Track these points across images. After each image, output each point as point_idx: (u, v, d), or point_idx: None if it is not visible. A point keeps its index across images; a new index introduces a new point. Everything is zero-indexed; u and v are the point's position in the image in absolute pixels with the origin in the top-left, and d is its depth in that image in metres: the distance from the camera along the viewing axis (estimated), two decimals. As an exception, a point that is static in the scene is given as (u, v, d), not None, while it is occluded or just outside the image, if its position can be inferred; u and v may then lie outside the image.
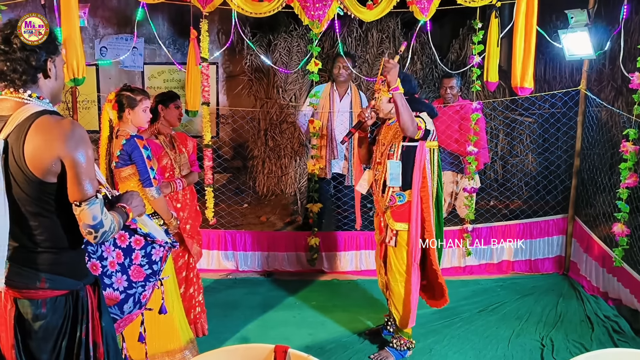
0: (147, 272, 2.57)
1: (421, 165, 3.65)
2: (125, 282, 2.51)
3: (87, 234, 2.08)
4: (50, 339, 2.21)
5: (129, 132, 3.48)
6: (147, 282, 2.58)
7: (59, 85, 2.26)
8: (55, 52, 2.21)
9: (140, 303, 2.58)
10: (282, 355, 1.91)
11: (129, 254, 2.53)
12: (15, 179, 2.10)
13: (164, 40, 8.02)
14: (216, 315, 4.42)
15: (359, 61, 7.57)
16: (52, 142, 2.06)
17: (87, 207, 2.07)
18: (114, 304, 2.51)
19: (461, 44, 7.62)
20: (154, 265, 2.59)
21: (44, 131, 2.07)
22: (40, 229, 2.15)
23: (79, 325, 2.22)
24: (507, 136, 7.46)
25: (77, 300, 2.22)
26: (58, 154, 2.06)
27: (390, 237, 3.77)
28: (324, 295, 4.96)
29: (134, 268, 2.53)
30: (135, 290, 2.55)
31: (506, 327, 4.32)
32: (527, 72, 4.42)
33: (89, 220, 2.07)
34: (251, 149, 7.94)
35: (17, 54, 2.11)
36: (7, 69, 2.12)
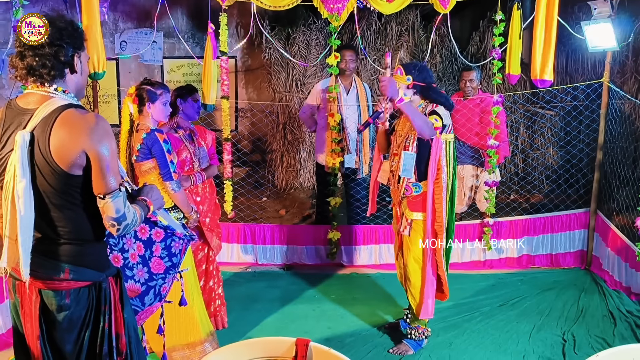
0: (166, 265, 2.60)
1: (436, 158, 3.65)
2: (146, 274, 2.54)
3: (110, 226, 2.12)
4: (74, 330, 2.24)
5: (149, 125, 3.49)
6: (167, 274, 2.61)
7: (84, 80, 2.31)
8: (82, 48, 2.25)
9: (160, 295, 2.61)
10: (304, 348, 1.91)
11: (149, 247, 2.56)
12: (40, 171, 2.12)
13: (183, 34, 8.06)
14: (236, 308, 4.45)
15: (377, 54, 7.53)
16: (77, 136, 2.09)
17: (111, 200, 2.10)
18: (136, 296, 2.53)
19: (481, 37, 7.56)
20: (174, 257, 2.62)
21: (69, 124, 2.10)
22: (65, 220, 2.18)
23: (102, 316, 2.25)
24: (527, 129, 7.39)
25: (100, 292, 2.25)
26: (83, 147, 2.09)
27: (404, 227, 3.79)
28: (343, 289, 4.96)
29: (154, 260, 2.56)
30: (155, 282, 2.57)
31: (527, 321, 4.28)
32: (547, 64, 4.37)
33: (113, 213, 2.11)
34: (270, 142, 7.96)
35: (46, 49, 2.15)
36: (36, 64, 2.15)
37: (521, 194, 6.93)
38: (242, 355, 1.97)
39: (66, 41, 2.17)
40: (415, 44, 7.59)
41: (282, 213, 7.04)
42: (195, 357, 3.67)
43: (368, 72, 7.58)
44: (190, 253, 3.65)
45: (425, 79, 3.66)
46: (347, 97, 5.38)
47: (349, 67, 5.34)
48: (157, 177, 3.51)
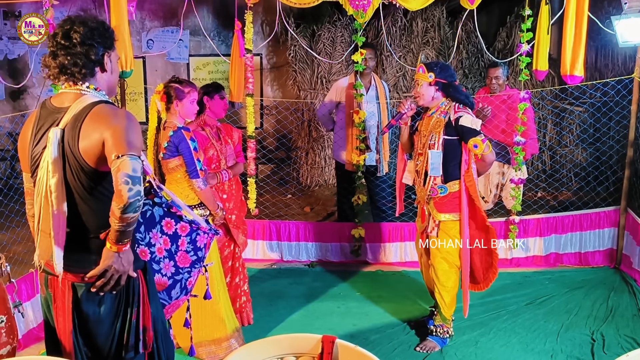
0: (192, 259, 2.64)
1: (467, 158, 3.65)
2: (172, 267, 2.57)
3: (123, 183, 2.00)
4: (107, 323, 2.28)
5: (177, 123, 3.52)
6: (193, 268, 2.65)
7: (114, 79, 2.34)
8: (112, 47, 2.29)
9: (186, 289, 2.65)
10: (330, 345, 1.91)
11: (175, 241, 2.59)
12: (70, 167, 2.17)
13: (209, 32, 8.11)
14: (261, 305, 4.47)
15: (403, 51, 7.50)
16: (101, 128, 2.12)
17: (129, 159, 2.04)
18: (163, 290, 2.57)
19: (508, 32, 7.48)
20: (199, 251, 2.66)
21: (98, 119, 2.14)
22: (94, 216, 2.22)
23: (130, 309, 2.29)
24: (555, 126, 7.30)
25: (129, 285, 2.28)
26: (104, 135, 2.10)
27: (432, 228, 3.78)
28: (369, 286, 4.95)
29: (180, 254, 2.60)
30: (182, 276, 2.61)
31: (555, 320, 4.23)
32: (577, 60, 4.29)
33: (128, 170, 2.02)
34: (295, 140, 7.97)
35: (77, 49, 2.20)
36: (67, 63, 2.20)
37: (549, 192, 6.85)
38: (268, 351, 1.98)
39: (97, 40, 2.22)
40: (441, 41, 7.53)
41: (306, 210, 7.05)
42: (221, 352, 3.70)
43: (393, 69, 7.56)
44: (215, 248, 3.68)
45: (447, 77, 3.68)
46: (367, 95, 5.36)
47: (368, 65, 5.32)
48: (184, 175, 3.54)
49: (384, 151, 5.44)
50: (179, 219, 2.59)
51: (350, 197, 5.35)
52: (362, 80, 5.33)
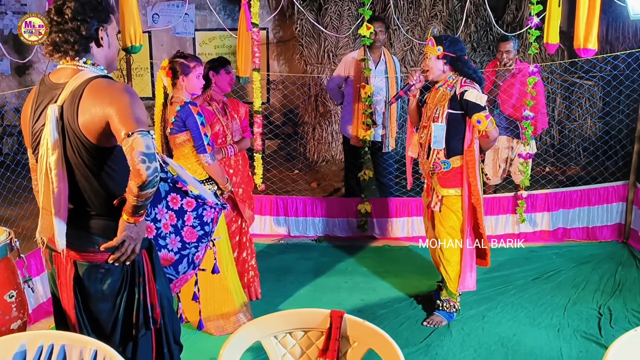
0: (199, 234, 2.63)
1: (471, 134, 3.62)
2: (179, 243, 2.57)
3: (141, 162, 1.97)
4: (109, 300, 2.29)
5: (183, 98, 3.51)
6: (200, 243, 2.65)
7: (112, 53, 2.28)
8: (107, 21, 2.22)
9: (194, 263, 2.65)
10: (338, 320, 1.92)
11: (181, 216, 2.58)
12: (71, 144, 2.14)
13: (215, 6, 8.03)
14: (269, 280, 4.49)
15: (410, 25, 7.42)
16: (103, 104, 2.08)
17: (140, 136, 1.99)
18: (169, 265, 2.57)
19: (518, 5, 7.38)
20: (206, 226, 2.64)
21: (96, 93, 2.11)
22: (95, 194, 2.21)
23: (137, 288, 2.29)
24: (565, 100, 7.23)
25: (134, 264, 2.28)
26: (107, 112, 2.06)
27: (435, 202, 3.79)
28: (376, 261, 4.96)
29: (186, 229, 2.59)
30: (189, 251, 2.61)
31: (562, 295, 4.24)
32: (591, 33, 4.22)
33: (142, 148, 1.98)
34: (302, 115, 7.94)
35: (69, 25, 2.15)
36: (59, 40, 2.17)
37: (557, 167, 6.81)
38: (277, 326, 1.99)
39: (89, 15, 2.16)
40: (449, 14, 7.44)
41: (314, 186, 7.05)
42: (229, 327, 3.73)
43: (401, 43, 7.48)
44: (223, 223, 3.68)
45: (456, 51, 3.63)
46: (375, 70, 5.31)
47: (378, 39, 5.24)
48: (191, 150, 3.53)
49: (391, 127, 5.40)
50: (184, 194, 2.57)
51: (357, 172, 5.34)
52: (372, 55, 5.27)
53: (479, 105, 3.54)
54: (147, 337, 2.35)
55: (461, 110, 3.61)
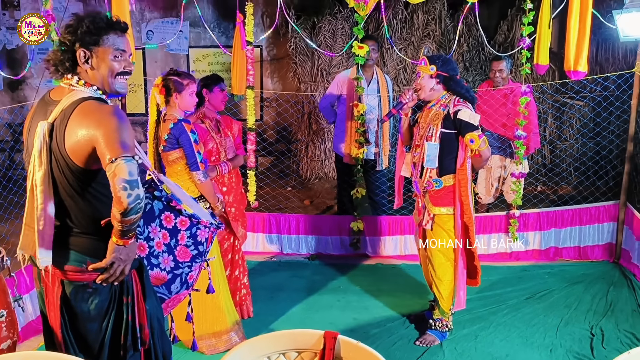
0: (193, 253, 2.61)
1: (464, 153, 3.64)
2: (172, 262, 2.55)
3: (122, 189, 1.97)
4: (96, 320, 2.26)
5: (177, 116, 3.51)
6: (194, 262, 2.62)
7: (102, 75, 2.24)
8: (94, 43, 2.22)
9: (187, 283, 2.63)
10: (332, 341, 1.91)
11: (174, 235, 2.56)
12: (57, 162, 2.15)
13: (209, 23, 8.07)
14: (261, 298, 4.47)
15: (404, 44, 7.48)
16: (90, 127, 2.08)
17: (124, 161, 2.00)
18: (162, 284, 2.55)
19: (509, 25, 7.46)
20: (200, 246, 2.62)
21: (84, 116, 2.11)
22: (82, 213, 2.20)
23: (125, 308, 2.27)
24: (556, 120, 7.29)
25: (122, 284, 2.26)
26: (94, 136, 2.07)
27: (427, 221, 3.78)
28: (368, 280, 4.95)
29: (180, 248, 2.57)
30: (182, 271, 2.59)
31: (554, 315, 4.23)
32: (581, 55, 4.28)
33: (125, 175, 1.98)
34: (295, 132, 7.96)
35: (59, 44, 2.23)
36: (49, 58, 2.25)
37: (549, 186, 6.85)
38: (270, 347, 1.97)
39: (68, 38, 2.20)
40: (442, 33, 7.51)
41: (306, 203, 7.05)
42: (221, 346, 3.71)
43: (394, 61, 7.53)
44: (216, 242, 3.67)
45: (448, 71, 3.66)
46: (368, 88, 5.34)
47: (370, 58, 5.28)
48: (184, 167, 3.53)
49: (384, 145, 5.43)
50: (178, 213, 2.56)
51: (350, 190, 5.34)
52: (364, 73, 5.31)
53: (472, 125, 3.57)
54: (136, 358, 2.33)
55: (454, 130, 3.63)
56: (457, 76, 3.73)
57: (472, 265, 3.86)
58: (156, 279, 2.51)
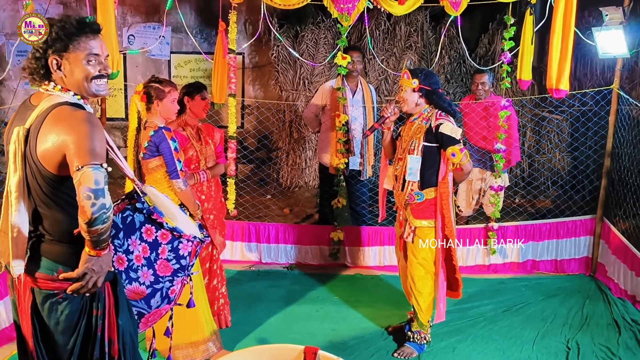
0: (174, 267, 2.52)
1: (445, 167, 3.66)
2: (151, 276, 2.47)
3: (85, 198, 1.94)
4: (66, 332, 2.22)
5: (157, 123, 3.48)
6: (175, 276, 2.54)
7: (75, 81, 2.21)
8: (66, 49, 2.18)
9: (168, 298, 2.55)
10: (312, 356, 1.90)
11: (155, 248, 2.46)
12: (30, 169, 2.12)
13: (191, 29, 8.04)
14: (239, 307, 4.43)
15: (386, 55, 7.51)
16: (61, 133, 2.06)
17: (91, 169, 1.97)
18: (141, 298, 2.49)
19: (490, 39, 7.53)
20: (182, 260, 2.54)
21: (56, 122, 2.09)
22: (55, 220, 2.17)
23: (95, 321, 2.22)
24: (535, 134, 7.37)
25: (94, 296, 2.22)
26: (64, 142, 2.04)
27: (408, 233, 3.79)
28: (347, 290, 4.95)
29: (160, 262, 2.48)
30: (162, 285, 2.51)
31: (531, 328, 4.26)
32: (563, 74, 4.34)
33: (90, 183, 1.95)
34: (276, 140, 7.94)
35: (32, 49, 2.20)
36: (24, 64, 2.23)
37: (527, 199, 6.91)
38: (249, 361, 1.96)
39: (40, 46, 2.18)
40: (424, 45, 7.56)
41: (286, 212, 7.02)
42: (198, 356, 3.66)
43: (376, 72, 7.56)
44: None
45: (431, 84, 3.68)
46: (352, 99, 5.35)
47: (355, 69, 5.30)
48: (164, 175, 3.50)
49: (368, 155, 5.45)
50: (159, 226, 2.46)
51: (332, 199, 5.34)
52: (349, 83, 5.32)
53: (454, 139, 3.59)
54: None
55: (436, 143, 3.65)
56: (440, 90, 3.76)
57: (454, 278, 3.87)
58: (135, 293, 2.45)
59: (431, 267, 3.78)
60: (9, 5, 8.06)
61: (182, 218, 2.68)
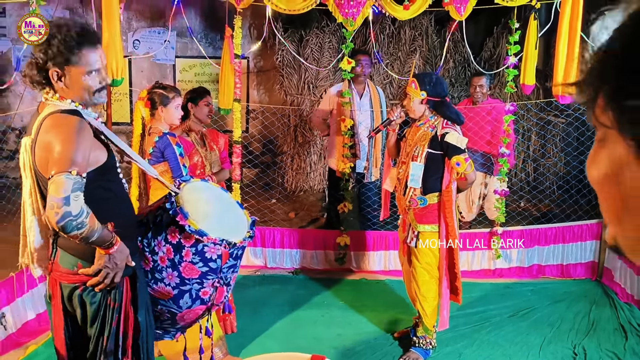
0: (202, 270, 2.43)
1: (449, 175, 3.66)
2: (176, 278, 2.43)
3: (49, 208, 1.98)
4: (92, 323, 2.29)
5: (162, 129, 3.49)
6: (204, 279, 2.46)
7: (77, 92, 2.25)
8: (68, 62, 2.21)
9: (201, 299, 2.49)
10: (318, 365, 1.89)
11: (179, 251, 2.41)
12: (36, 175, 2.21)
13: (197, 33, 8.04)
14: (245, 313, 4.43)
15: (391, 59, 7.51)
16: (47, 140, 2.13)
17: (62, 177, 2.01)
18: (168, 299, 2.48)
19: (495, 42, 7.52)
20: (211, 262, 2.43)
21: (46, 130, 2.15)
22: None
23: (110, 313, 2.28)
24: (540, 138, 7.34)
25: (111, 289, 2.28)
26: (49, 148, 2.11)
27: (411, 238, 3.79)
28: (353, 295, 4.94)
29: (184, 265, 2.41)
30: (190, 287, 2.46)
31: (537, 333, 4.25)
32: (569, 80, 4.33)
33: (56, 192, 1.99)
34: (281, 144, 7.94)
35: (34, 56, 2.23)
36: (24, 71, 2.27)
37: (532, 203, 6.89)
38: (256, 370, 1.95)
39: (40, 57, 2.20)
40: (429, 49, 7.55)
41: (291, 216, 7.02)
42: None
43: (381, 76, 7.56)
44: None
45: (439, 93, 3.66)
46: (360, 102, 5.36)
47: (363, 72, 5.31)
48: (169, 181, 3.49)
49: (375, 158, 5.45)
50: (182, 229, 2.39)
51: (338, 203, 5.34)
52: (356, 87, 5.34)
53: (459, 148, 3.58)
54: None
55: (441, 151, 3.64)
56: (447, 97, 3.73)
57: (454, 286, 3.87)
58: (161, 294, 2.45)
59: (435, 271, 3.78)
60: (15, 11, 8.09)
61: (218, 218, 2.59)
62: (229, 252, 2.49)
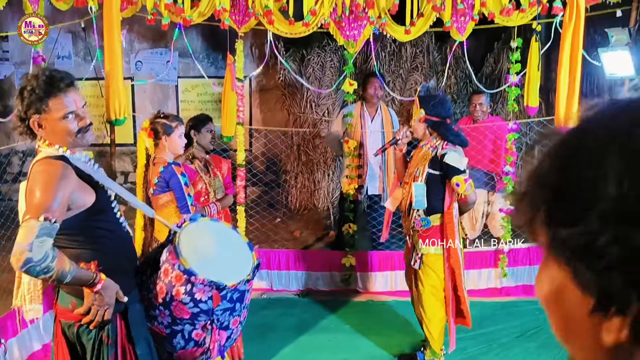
0: (192, 311, 2.39)
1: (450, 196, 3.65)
2: (168, 317, 2.43)
3: (13, 254, 2.00)
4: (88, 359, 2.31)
5: (166, 159, 3.50)
6: (196, 320, 2.42)
7: (59, 137, 2.28)
8: (42, 111, 2.23)
9: (195, 341, 2.46)
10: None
11: (170, 290, 2.39)
12: None
13: (198, 54, 8.06)
14: (252, 338, 4.41)
15: (392, 76, 7.52)
16: (29, 186, 2.17)
17: (31, 222, 2.04)
18: (162, 338, 2.48)
19: (496, 58, 7.52)
20: (201, 304, 2.39)
21: (31, 177, 2.19)
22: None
23: (105, 349, 2.31)
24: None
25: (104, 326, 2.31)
26: (28, 193, 2.17)
27: (415, 260, 3.77)
28: (359, 317, 4.91)
29: (175, 304, 2.39)
30: (182, 327, 2.44)
31: (547, 355, 4.21)
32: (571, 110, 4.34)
33: (23, 238, 2.01)
34: (284, 163, 7.94)
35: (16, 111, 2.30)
36: (13, 126, 2.34)
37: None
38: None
39: (19, 108, 2.25)
40: (430, 66, 7.56)
41: (296, 234, 7.01)
42: (211, 391, 3.64)
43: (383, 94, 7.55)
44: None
45: (439, 114, 3.66)
46: (371, 124, 5.38)
47: (376, 95, 5.36)
48: (175, 210, 3.50)
49: (388, 179, 5.45)
50: (174, 267, 2.38)
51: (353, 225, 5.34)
52: (369, 109, 5.39)
53: (458, 169, 3.57)
54: None
55: (440, 171, 3.63)
56: (448, 119, 3.73)
57: (459, 309, 3.84)
58: (156, 333, 2.47)
59: (441, 294, 3.76)
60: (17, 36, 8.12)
61: (220, 259, 2.58)
62: (219, 295, 2.43)
